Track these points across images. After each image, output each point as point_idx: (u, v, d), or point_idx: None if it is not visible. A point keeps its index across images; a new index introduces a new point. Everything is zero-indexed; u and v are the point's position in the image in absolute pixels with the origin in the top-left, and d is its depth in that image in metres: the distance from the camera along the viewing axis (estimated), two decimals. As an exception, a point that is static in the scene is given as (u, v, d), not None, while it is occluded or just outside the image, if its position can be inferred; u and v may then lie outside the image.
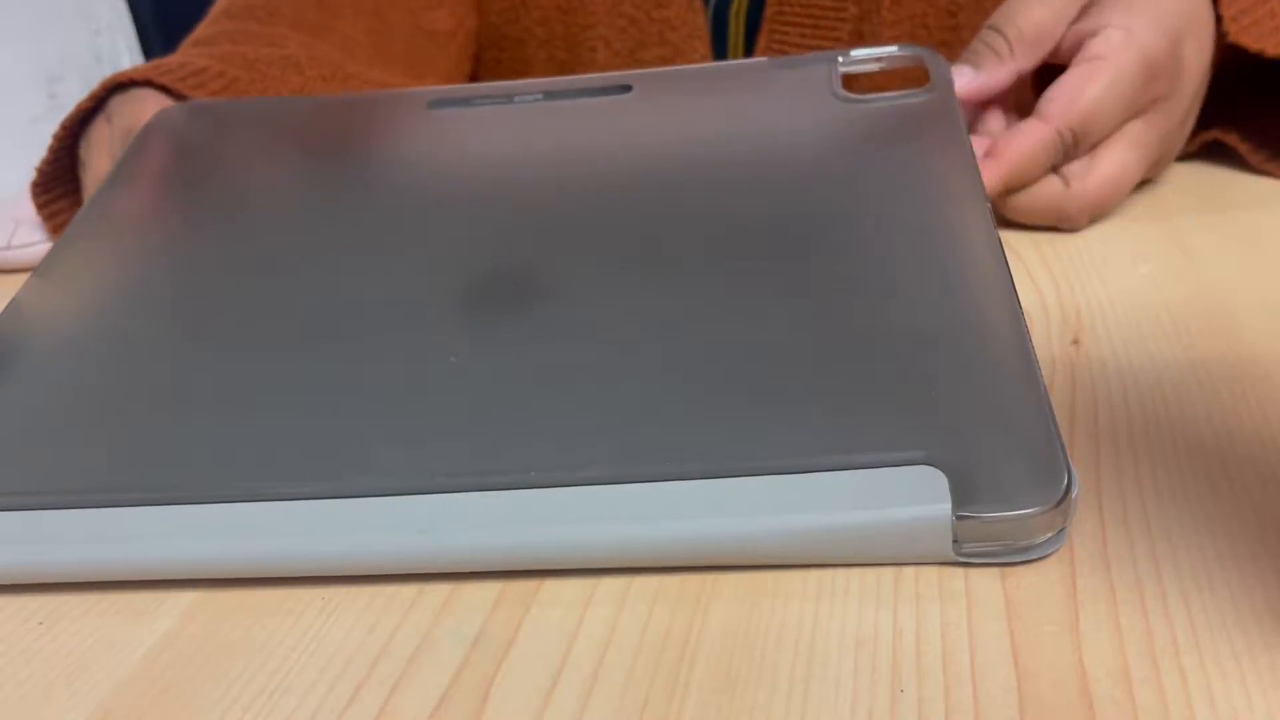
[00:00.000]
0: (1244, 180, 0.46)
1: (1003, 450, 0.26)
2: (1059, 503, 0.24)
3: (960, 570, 0.25)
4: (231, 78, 0.48)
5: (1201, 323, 0.35)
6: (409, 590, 0.26)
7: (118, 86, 0.47)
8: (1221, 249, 0.40)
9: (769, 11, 0.58)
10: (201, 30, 0.55)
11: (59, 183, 0.50)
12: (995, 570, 0.25)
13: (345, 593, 0.27)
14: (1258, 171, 0.46)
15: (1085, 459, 0.28)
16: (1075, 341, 0.35)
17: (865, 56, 0.40)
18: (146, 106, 0.45)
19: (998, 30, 0.44)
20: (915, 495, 0.25)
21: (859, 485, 0.25)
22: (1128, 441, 0.29)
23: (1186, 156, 0.47)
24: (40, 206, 0.50)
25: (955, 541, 0.25)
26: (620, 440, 0.27)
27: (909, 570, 0.25)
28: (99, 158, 0.46)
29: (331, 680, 0.24)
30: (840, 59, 0.40)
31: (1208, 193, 0.45)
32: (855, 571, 0.25)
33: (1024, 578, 0.25)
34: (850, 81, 0.39)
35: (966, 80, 0.43)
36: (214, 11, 0.57)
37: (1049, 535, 0.25)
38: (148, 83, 0.47)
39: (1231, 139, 0.46)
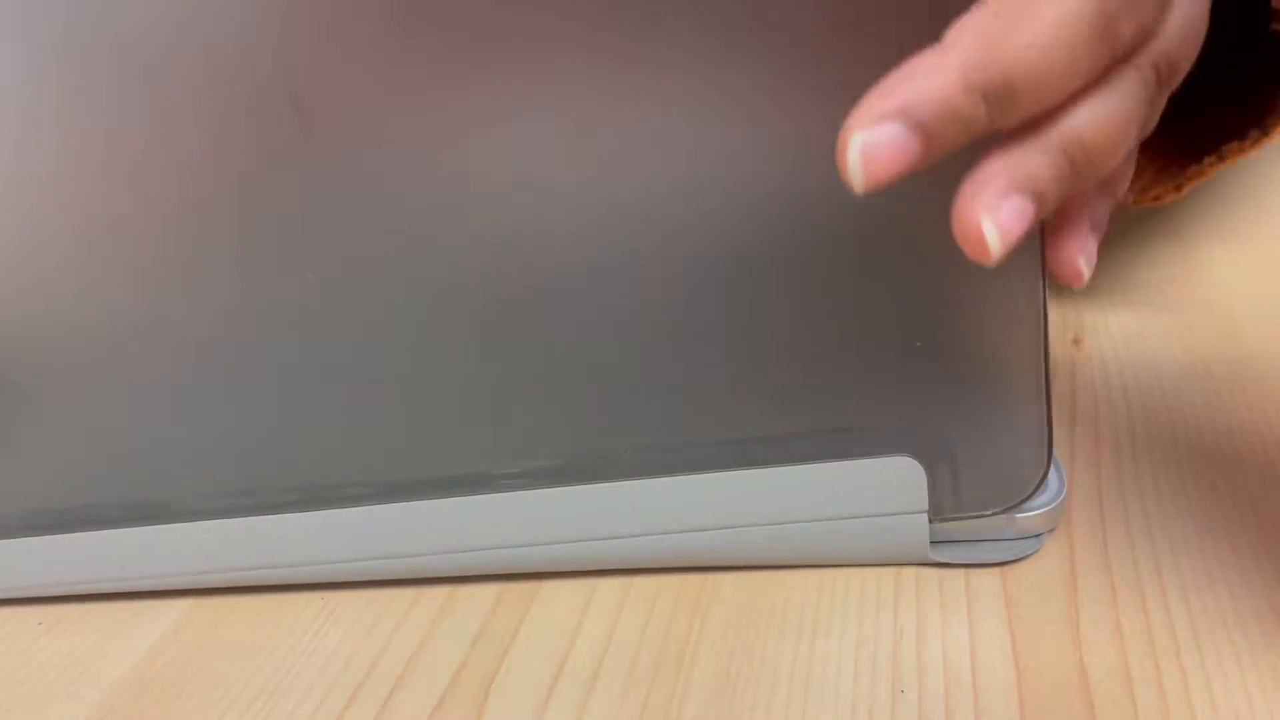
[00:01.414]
0: (1245, 180, 0.46)
1: (987, 449, 0.25)
2: (1038, 504, 0.24)
3: (960, 570, 0.25)
4: None
5: (1201, 322, 0.35)
6: (408, 590, 0.26)
7: None
8: (1222, 249, 0.40)
9: None
10: None
11: None
12: (995, 570, 0.25)
13: (344, 593, 0.27)
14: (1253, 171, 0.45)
15: (1085, 459, 0.28)
16: (1075, 341, 0.34)
17: None
18: None
19: None
20: (892, 491, 0.24)
21: (837, 479, 0.24)
22: (1128, 441, 0.29)
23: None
24: None
25: (931, 540, 0.25)
26: (591, 435, 0.26)
27: (909, 570, 0.25)
28: None
29: (331, 681, 0.24)
30: None
31: (1209, 192, 0.45)
32: (855, 572, 0.25)
33: (1024, 578, 0.25)
34: None
35: None
36: None
37: (1029, 537, 0.25)
38: None
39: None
